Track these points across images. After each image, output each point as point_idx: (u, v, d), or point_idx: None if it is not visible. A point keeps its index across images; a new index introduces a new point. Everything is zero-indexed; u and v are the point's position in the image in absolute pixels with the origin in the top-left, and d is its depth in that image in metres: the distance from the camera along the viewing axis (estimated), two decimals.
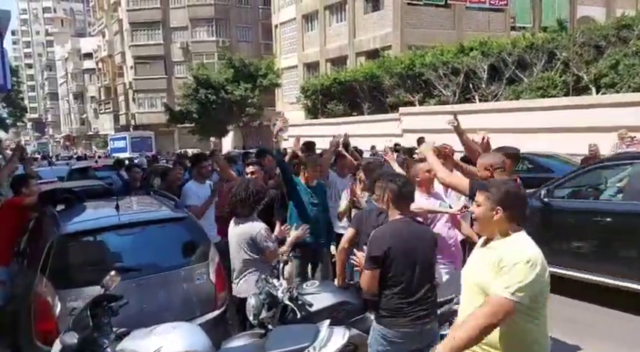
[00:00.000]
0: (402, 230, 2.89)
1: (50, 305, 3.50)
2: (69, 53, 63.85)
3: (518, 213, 2.26)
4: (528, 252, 2.14)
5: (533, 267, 2.09)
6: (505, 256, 2.13)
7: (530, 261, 2.10)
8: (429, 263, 2.93)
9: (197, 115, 30.14)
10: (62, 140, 71.40)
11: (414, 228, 2.95)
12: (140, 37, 43.51)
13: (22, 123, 69.01)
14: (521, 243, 2.20)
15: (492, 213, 2.25)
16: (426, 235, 3.01)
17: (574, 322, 5.04)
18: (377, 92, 21.56)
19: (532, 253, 2.14)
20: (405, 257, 2.83)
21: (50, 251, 3.75)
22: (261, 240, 3.77)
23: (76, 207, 4.55)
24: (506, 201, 2.23)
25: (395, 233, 2.90)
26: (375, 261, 2.83)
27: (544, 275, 2.14)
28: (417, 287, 2.83)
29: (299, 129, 24.01)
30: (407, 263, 2.83)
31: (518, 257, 2.11)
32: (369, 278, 2.86)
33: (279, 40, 33.75)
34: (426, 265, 2.89)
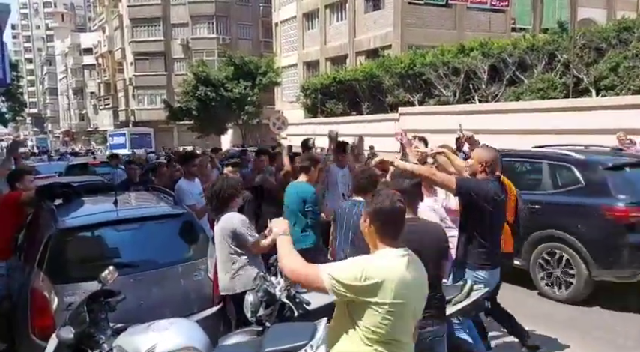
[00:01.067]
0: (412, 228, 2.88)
1: (47, 300, 3.50)
2: (69, 48, 63.68)
3: (386, 229, 2.15)
4: (372, 264, 2.07)
5: (362, 279, 1.99)
6: None
7: (363, 272, 2.01)
8: (435, 263, 2.78)
9: (196, 112, 30.11)
10: (61, 135, 71.29)
11: (420, 227, 2.87)
12: (140, 33, 43.43)
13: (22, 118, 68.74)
14: (375, 258, 2.13)
15: (365, 224, 2.21)
16: (434, 234, 2.89)
17: (574, 319, 5.10)
18: (377, 92, 21.54)
19: (374, 269, 2.03)
20: None
21: (48, 245, 3.75)
22: (240, 231, 3.78)
23: (74, 202, 4.54)
24: (375, 215, 2.16)
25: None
26: None
27: (375, 294, 2.00)
28: None
29: (298, 127, 24.01)
30: None
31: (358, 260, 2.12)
32: None
33: (279, 39, 33.72)
34: (430, 265, 2.75)
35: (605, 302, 5.47)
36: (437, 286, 2.84)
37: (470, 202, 3.63)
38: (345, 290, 2.04)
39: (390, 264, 2.09)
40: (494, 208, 3.63)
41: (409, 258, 2.15)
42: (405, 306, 2.08)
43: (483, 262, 3.66)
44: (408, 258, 2.15)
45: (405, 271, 2.09)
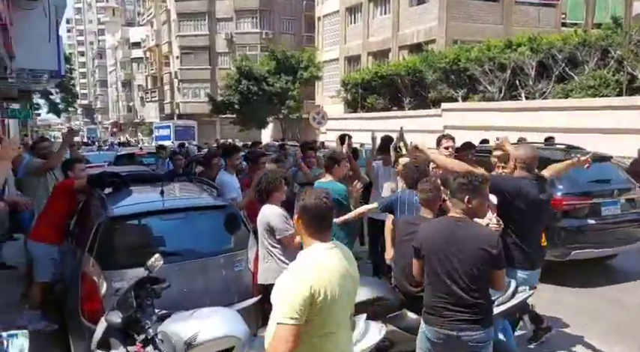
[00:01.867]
0: (442, 227, 2.85)
1: (96, 284, 3.64)
2: (118, 42, 65.72)
3: (313, 224, 2.24)
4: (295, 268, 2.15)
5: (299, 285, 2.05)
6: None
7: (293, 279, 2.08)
8: (475, 266, 2.70)
9: (238, 106, 30.53)
10: (110, 126, 73.88)
11: (458, 228, 2.79)
12: (186, 28, 44.36)
13: (73, 109, 71.69)
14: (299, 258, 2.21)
15: (296, 220, 2.30)
16: (474, 237, 2.76)
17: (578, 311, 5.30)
18: (419, 87, 21.25)
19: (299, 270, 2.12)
20: (436, 255, 2.79)
21: (97, 233, 3.89)
22: (274, 224, 3.81)
23: (122, 191, 4.70)
24: (302, 211, 2.25)
25: (434, 228, 2.88)
26: (415, 252, 2.90)
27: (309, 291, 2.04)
28: (455, 289, 2.72)
29: (338, 122, 23.98)
30: (439, 261, 2.78)
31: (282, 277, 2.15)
32: (414, 266, 2.97)
33: (321, 33, 33.70)
34: (468, 268, 2.71)
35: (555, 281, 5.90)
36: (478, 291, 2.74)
37: (504, 201, 3.57)
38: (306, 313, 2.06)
39: (314, 264, 2.15)
40: (529, 207, 3.54)
41: (336, 250, 2.24)
42: (335, 301, 2.12)
43: (522, 263, 3.59)
44: (335, 250, 2.24)
45: (332, 265, 2.17)
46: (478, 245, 2.72)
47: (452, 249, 2.74)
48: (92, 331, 3.25)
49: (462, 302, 2.71)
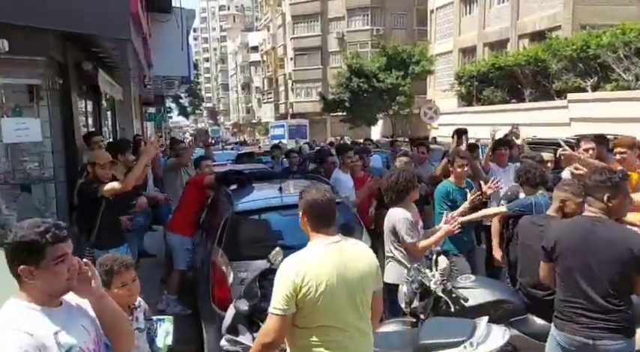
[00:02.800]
0: (577, 227, 2.65)
1: (225, 274, 3.94)
2: (238, 47, 69.85)
3: (316, 219, 2.32)
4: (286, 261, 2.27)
5: (285, 277, 2.17)
6: None
7: (282, 271, 2.21)
8: (616, 269, 2.50)
9: (349, 104, 30.87)
10: (231, 127, 78.91)
11: (597, 228, 2.58)
12: (300, 30, 45.81)
13: (200, 111, 77.62)
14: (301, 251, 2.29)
15: (300, 217, 2.40)
16: (616, 238, 2.54)
17: None
18: (541, 77, 19.80)
19: (289, 262, 2.24)
20: (573, 256, 2.59)
21: (225, 226, 4.22)
22: (400, 229, 3.78)
23: (246, 187, 5.03)
24: (306, 207, 2.34)
25: (568, 228, 2.69)
26: (545, 253, 2.74)
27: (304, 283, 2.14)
28: (592, 293, 2.52)
29: (450, 117, 23.20)
30: (575, 263, 2.58)
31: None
32: (542, 269, 2.81)
33: (433, 26, 32.81)
34: (609, 272, 2.50)
35: None
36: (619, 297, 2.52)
37: None
38: (292, 304, 2.17)
39: (303, 257, 2.26)
40: None
41: (340, 244, 2.30)
42: (325, 294, 2.16)
43: None
44: (338, 244, 2.29)
45: (325, 259, 2.23)
46: (621, 246, 2.49)
47: (590, 250, 2.55)
48: (221, 317, 3.52)
49: (601, 308, 2.50)
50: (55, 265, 1.71)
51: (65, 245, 1.75)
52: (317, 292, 2.16)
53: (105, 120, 9.18)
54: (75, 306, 1.88)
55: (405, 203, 3.92)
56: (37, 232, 1.70)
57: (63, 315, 1.79)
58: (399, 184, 3.87)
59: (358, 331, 2.30)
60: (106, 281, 2.45)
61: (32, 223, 1.75)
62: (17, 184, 5.11)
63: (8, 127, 4.73)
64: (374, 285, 2.37)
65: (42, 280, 1.71)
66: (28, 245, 1.68)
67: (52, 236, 1.71)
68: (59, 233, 1.73)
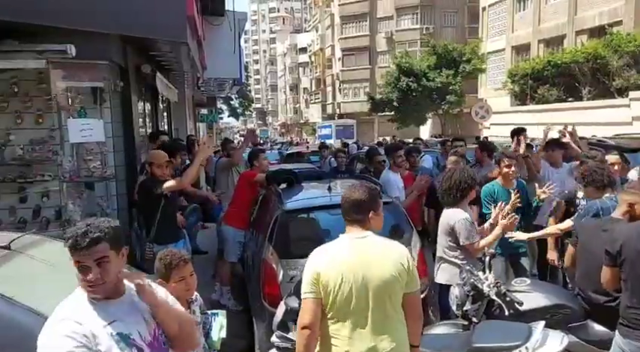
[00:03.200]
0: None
1: (275, 271, 4.01)
2: (287, 48, 70.67)
3: (342, 216, 2.44)
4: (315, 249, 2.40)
5: (310, 263, 2.32)
6: None
7: (309, 258, 2.36)
8: None
9: (397, 104, 30.56)
10: (279, 127, 79.96)
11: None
12: (349, 30, 45.79)
13: (249, 112, 79.13)
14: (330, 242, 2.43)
15: None
16: None
17: None
18: (601, 75, 18.91)
19: (316, 251, 2.39)
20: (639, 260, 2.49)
21: (275, 224, 4.29)
22: (459, 229, 3.71)
23: (295, 186, 5.10)
24: None
25: (636, 232, 2.57)
26: (609, 257, 2.63)
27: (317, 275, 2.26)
28: None
29: (503, 116, 22.53)
30: None
31: None
32: (604, 273, 2.72)
33: (485, 23, 31.95)
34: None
35: None
36: None
37: None
38: (317, 289, 2.29)
39: (322, 250, 2.38)
40: None
41: (364, 240, 2.35)
42: (339, 287, 2.24)
43: None
44: (363, 240, 2.35)
45: (342, 254, 2.31)
46: None
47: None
48: (272, 313, 3.58)
49: None
50: (98, 265, 1.79)
51: (100, 247, 1.80)
52: (334, 283, 2.25)
53: (161, 121, 9.54)
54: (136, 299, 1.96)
55: (463, 203, 3.86)
56: (70, 235, 1.80)
57: (121, 306, 1.88)
58: (461, 184, 3.81)
59: (379, 330, 2.27)
60: (165, 274, 2.55)
61: (80, 224, 1.85)
62: (82, 182, 5.40)
63: (74, 128, 5.01)
64: (404, 286, 2.32)
65: None
66: (68, 244, 1.80)
67: (70, 244, 1.79)
68: (80, 241, 1.78)
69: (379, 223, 2.49)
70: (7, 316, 2.32)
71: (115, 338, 1.79)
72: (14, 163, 5.25)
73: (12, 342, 2.26)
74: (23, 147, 5.28)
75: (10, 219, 5.29)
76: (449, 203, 3.90)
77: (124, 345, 1.80)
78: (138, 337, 1.86)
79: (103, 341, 1.76)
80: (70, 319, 1.75)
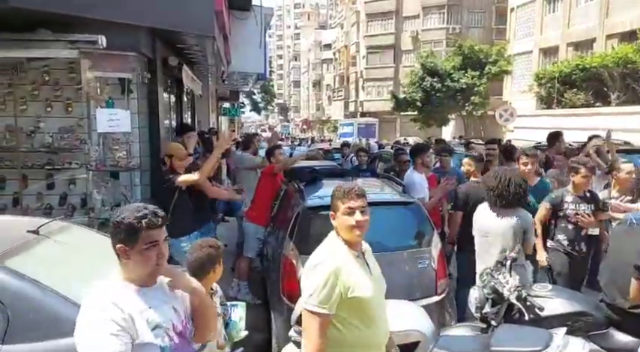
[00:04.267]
0: None
1: (295, 267, 4.02)
2: (312, 44, 70.73)
3: None
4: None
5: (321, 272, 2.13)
6: None
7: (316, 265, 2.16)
8: None
9: (420, 103, 30.33)
10: (300, 123, 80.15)
11: None
12: (374, 28, 45.58)
13: (271, 107, 79.53)
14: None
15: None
16: None
17: None
18: (631, 80, 18.48)
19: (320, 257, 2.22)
20: None
21: (297, 220, 4.30)
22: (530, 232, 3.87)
23: (318, 183, 5.11)
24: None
25: None
26: (639, 271, 2.59)
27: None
28: None
29: (527, 119, 22.18)
30: None
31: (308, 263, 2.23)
32: (633, 287, 2.69)
33: (513, 24, 31.46)
34: None
35: None
36: None
37: None
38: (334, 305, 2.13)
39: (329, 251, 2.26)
40: None
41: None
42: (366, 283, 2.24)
43: None
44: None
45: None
46: None
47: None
48: (291, 308, 3.60)
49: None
50: (146, 249, 1.83)
51: (158, 232, 1.87)
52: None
53: (185, 113, 9.65)
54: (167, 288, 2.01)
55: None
56: (135, 216, 1.83)
57: (156, 294, 1.92)
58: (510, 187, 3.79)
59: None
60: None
61: (134, 208, 1.89)
62: (107, 171, 5.50)
63: (102, 118, 5.11)
64: None
65: (134, 261, 1.84)
66: (126, 227, 1.82)
67: (147, 222, 1.84)
68: (155, 220, 1.86)
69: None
70: (34, 298, 2.39)
71: (150, 324, 1.83)
72: (43, 150, 5.36)
73: (38, 323, 2.32)
74: (52, 135, 5.40)
75: (36, 204, 5.42)
76: (502, 204, 3.86)
77: (158, 332, 1.84)
78: (170, 325, 1.90)
79: (140, 327, 1.80)
80: (111, 303, 1.78)
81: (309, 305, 2.12)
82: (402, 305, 3.08)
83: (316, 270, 2.17)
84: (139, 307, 1.83)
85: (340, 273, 2.16)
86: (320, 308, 2.10)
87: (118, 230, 1.84)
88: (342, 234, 2.31)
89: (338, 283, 2.13)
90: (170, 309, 1.94)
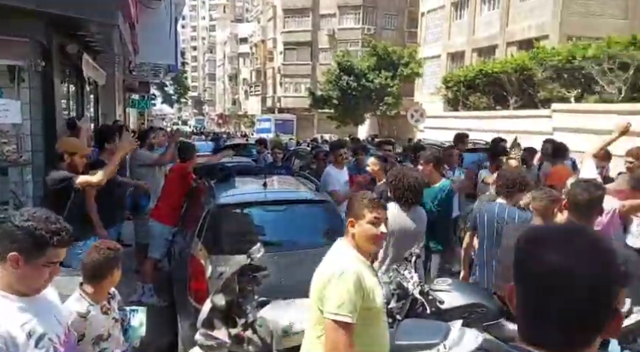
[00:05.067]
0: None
1: (203, 267, 3.90)
2: (228, 37, 69.32)
3: None
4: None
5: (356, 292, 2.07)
6: None
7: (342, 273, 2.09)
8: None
9: (337, 102, 30.88)
10: (216, 117, 78.38)
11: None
12: (291, 24, 45.65)
13: (185, 100, 77.00)
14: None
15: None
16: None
17: None
18: (527, 85, 20.07)
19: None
20: None
21: (206, 219, 4.17)
22: None
23: (229, 181, 4.99)
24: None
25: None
26: None
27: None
28: None
29: (436, 120, 23.37)
30: None
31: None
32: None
33: (424, 29, 32.98)
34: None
35: None
36: None
37: None
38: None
39: (346, 258, 2.23)
40: None
41: None
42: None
43: None
44: None
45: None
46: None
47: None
48: (197, 310, 3.49)
49: None
50: (44, 266, 1.68)
51: (63, 251, 1.72)
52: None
53: (87, 105, 9.02)
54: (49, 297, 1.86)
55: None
56: (49, 229, 1.65)
57: (39, 304, 1.76)
58: (409, 186, 3.91)
59: None
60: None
61: (45, 217, 1.69)
62: None
63: None
64: None
65: (23, 273, 1.66)
66: (35, 238, 1.63)
67: (60, 239, 1.67)
68: (66, 239, 1.70)
69: None
70: None
71: (34, 337, 1.67)
72: None
73: None
74: None
75: None
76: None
77: (43, 344, 1.69)
78: (55, 336, 1.76)
79: (21, 342, 1.63)
80: None
81: (340, 317, 2.01)
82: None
83: (343, 278, 2.07)
84: (20, 319, 1.66)
85: (363, 280, 2.10)
86: (351, 318, 2.01)
87: (21, 237, 1.63)
88: (361, 242, 2.26)
89: (361, 291, 2.07)
90: (53, 320, 1.79)
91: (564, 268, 0.90)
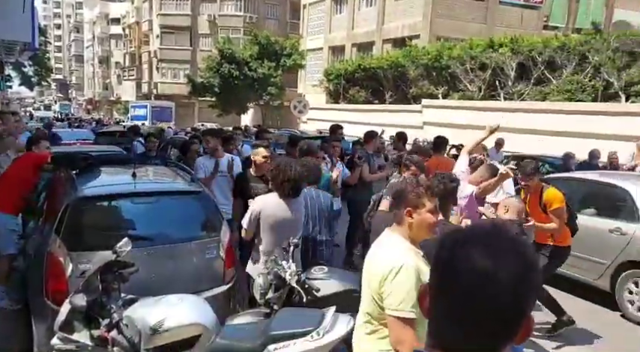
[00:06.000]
0: None
1: (62, 265, 3.55)
2: (97, 17, 63.99)
3: None
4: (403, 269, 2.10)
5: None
6: None
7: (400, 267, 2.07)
8: None
9: (218, 90, 30.14)
10: (84, 103, 72.11)
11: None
12: (168, 7, 43.44)
13: (47, 83, 69.68)
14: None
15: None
16: None
17: None
18: (401, 82, 21.35)
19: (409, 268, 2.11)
20: None
21: (66, 212, 3.78)
22: None
23: (94, 171, 4.59)
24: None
25: None
26: None
27: None
28: None
29: (319, 112, 23.93)
30: None
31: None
32: None
33: (306, 21, 33.47)
34: None
35: None
36: None
37: None
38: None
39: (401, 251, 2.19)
40: None
41: None
42: None
43: None
44: None
45: None
46: None
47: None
48: (56, 312, 3.16)
49: None
50: None
51: None
52: None
53: None
54: None
55: None
56: None
57: None
58: (288, 177, 3.94)
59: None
60: None
61: None
62: None
63: None
64: None
65: None
66: None
67: None
68: None
69: None
70: None
71: None
72: None
73: None
74: None
75: None
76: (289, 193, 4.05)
77: None
78: None
79: None
80: None
81: (404, 313, 1.96)
82: (180, 298, 2.95)
83: (402, 273, 2.01)
84: None
85: (421, 273, 2.03)
86: (414, 313, 1.95)
87: None
88: (420, 231, 2.20)
89: (420, 284, 1.98)
90: None
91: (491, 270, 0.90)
